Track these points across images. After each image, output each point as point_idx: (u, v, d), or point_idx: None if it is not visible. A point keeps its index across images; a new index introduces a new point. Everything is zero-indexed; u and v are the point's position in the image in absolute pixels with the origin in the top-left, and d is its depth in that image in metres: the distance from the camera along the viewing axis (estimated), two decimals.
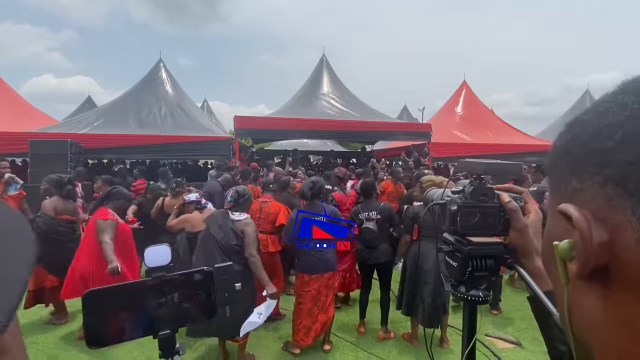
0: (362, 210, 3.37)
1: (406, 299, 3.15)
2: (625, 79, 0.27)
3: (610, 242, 0.24)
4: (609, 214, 0.24)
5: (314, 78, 12.75)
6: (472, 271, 0.63)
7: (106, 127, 9.47)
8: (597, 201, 0.25)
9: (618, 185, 0.23)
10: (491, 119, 13.00)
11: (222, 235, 2.70)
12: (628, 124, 0.23)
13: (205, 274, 0.61)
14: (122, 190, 3.30)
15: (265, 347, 3.17)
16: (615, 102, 0.26)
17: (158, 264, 0.60)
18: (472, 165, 0.63)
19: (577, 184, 0.27)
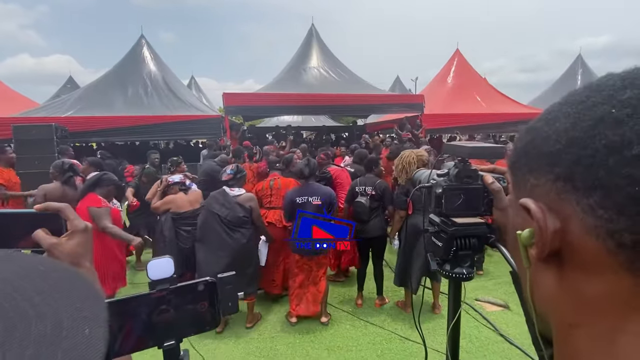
0: (359, 184, 3.43)
1: (399, 270, 3.27)
2: (570, 92, 0.32)
3: (562, 229, 0.28)
4: (560, 206, 0.29)
5: (302, 50, 12.35)
6: (457, 250, 0.66)
7: (91, 109, 9.20)
8: (550, 195, 0.29)
9: (566, 181, 0.28)
10: (484, 87, 12.86)
11: (227, 211, 2.94)
12: (571, 130, 0.28)
13: (209, 284, 0.63)
14: (113, 176, 3.25)
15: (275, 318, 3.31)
16: (561, 112, 0.30)
17: (161, 277, 0.61)
18: (457, 148, 0.64)
19: (534, 181, 0.31)
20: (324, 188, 3.18)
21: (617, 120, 0.26)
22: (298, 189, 3.13)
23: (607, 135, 0.26)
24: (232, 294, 0.67)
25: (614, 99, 0.27)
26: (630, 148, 0.24)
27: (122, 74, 10.37)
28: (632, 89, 0.26)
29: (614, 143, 0.25)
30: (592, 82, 0.30)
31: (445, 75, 12.91)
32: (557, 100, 0.33)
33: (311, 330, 3.10)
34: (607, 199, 0.25)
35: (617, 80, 0.28)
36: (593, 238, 0.26)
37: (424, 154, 3.06)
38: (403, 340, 2.96)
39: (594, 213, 0.26)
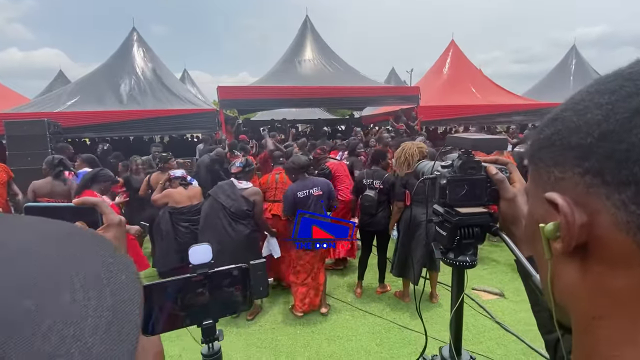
0: (366, 176, 3.45)
1: (398, 261, 3.32)
2: (599, 78, 0.31)
3: (589, 223, 0.28)
4: (588, 200, 0.28)
5: (297, 42, 12.24)
6: (460, 239, 0.68)
7: (83, 104, 9.06)
8: (577, 189, 0.29)
9: (596, 175, 0.27)
10: (479, 79, 12.88)
11: (232, 202, 3.00)
12: (604, 122, 0.27)
13: (243, 270, 0.69)
14: (109, 172, 3.23)
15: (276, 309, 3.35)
16: (592, 102, 0.29)
17: (201, 262, 0.68)
18: (460, 140, 0.66)
19: (559, 174, 0.31)
20: (321, 179, 3.24)
21: None
22: (298, 184, 3.13)
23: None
24: (263, 279, 0.73)
25: None
26: None
27: (114, 68, 10.20)
28: None
29: None
30: (624, 70, 0.29)
31: (441, 66, 12.90)
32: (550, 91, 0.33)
33: (311, 321, 3.15)
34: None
35: None
36: (623, 233, 0.26)
37: (423, 146, 3.11)
38: (401, 329, 3.02)
39: (626, 208, 0.25)
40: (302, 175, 3.14)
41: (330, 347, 2.80)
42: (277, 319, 3.20)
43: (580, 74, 14.29)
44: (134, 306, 0.24)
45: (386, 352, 2.74)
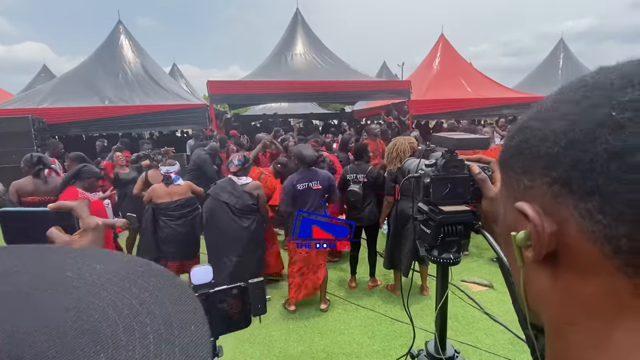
0: (350, 171, 3.45)
1: (389, 253, 3.36)
2: (565, 86, 0.31)
3: (559, 232, 0.28)
4: (556, 209, 0.28)
5: (288, 36, 12.10)
6: (444, 237, 0.69)
7: (68, 100, 8.84)
8: (545, 198, 0.29)
9: (563, 185, 0.27)
10: (470, 72, 12.95)
11: (236, 199, 3.04)
12: (570, 132, 0.27)
13: (242, 289, 0.71)
14: (93, 168, 3.16)
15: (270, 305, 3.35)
16: (559, 111, 0.29)
17: (202, 282, 0.70)
18: (444, 140, 0.66)
19: (528, 182, 0.31)
20: (323, 173, 3.18)
21: (618, 124, 0.25)
22: (298, 175, 3.10)
23: (608, 140, 0.25)
24: (261, 297, 0.75)
25: (614, 99, 0.26)
26: (632, 154, 0.24)
27: (100, 63, 9.96)
28: (633, 90, 0.25)
29: (616, 148, 0.24)
30: (587, 78, 0.29)
31: (431, 60, 12.92)
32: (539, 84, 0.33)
33: (305, 316, 3.18)
34: (606, 205, 0.25)
35: (615, 78, 0.27)
36: (590, 242, 0.26)
37: (414, 141, 3.15)
38: (393, 321, 3.07)
39: (592, 218, 0.26)
40: (304, 167, 3.11)
41: (323, 341, 2.83)
42: (270, 314, 3.22)
43: (568, 67, 14.49)
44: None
45: (378, 344, 2.78)
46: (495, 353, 2.63)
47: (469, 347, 2.70)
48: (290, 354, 2.70)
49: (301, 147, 3.22)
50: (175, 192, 3.47)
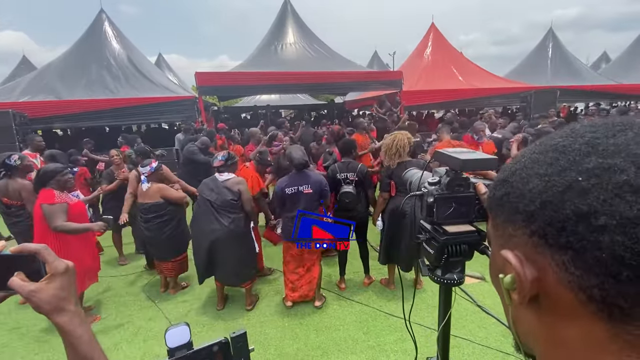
0: (339, 170, 3.35)
1: (384, 249, 3.35)
2: (539, 145, 0.35)
3: (539, 279, 0.31)
4: (537, 258, 0.31)
5: (277, 25, 11.86)
6: (448, 257, 0.66)
7: (51, 93, 8.55)
8: (527, 247, 0.32)
9: (541, 238, 0.31)
10: (461, 61, 12.94)
11: (216, 195, 2.98)
12: (544, 193, 0.31)
13: (222, 345, 0.68)
14: (50, 167, 2.97)
15: (264, 303, 3.35)
16: (534, 171, 0.33)
17: (179, 344, 0.66)
18: (449, 159, 0.63)
19: (512, 231, 0.34)
20: (314, 175, 3.09)
21: (584, 189, 0.28)
22: (287, 179, 3.04)
23: (575, 203, 0.28)
24: (244, 350, 0.72)
25: (580, 165, 0.29)
26: (596, 217, 0.27)
27: (82, 53, 9.62)
28: (596, 157, 0.29)
29: (582, 211, 0.28)
30: (559, 140, 0.33)
31: (422, 50, 12.85)
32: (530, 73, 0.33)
33: (300, 313, 3.18)
34: (577, 259, 0.28)
35: (582, 144, 0.31)
36: (567, 290, 0.29)
37: (411, 137, 3.13)
38: (387, 316, 3.09)
39: (567, 269, 0.29)
40: (296, 170, 3.04)
41: (318, 338, 2.84)
42: (264, 312, 3.21)
43: (557, 57, 14.58)
44: None
45: (373, 340, 2.80)
46: (488, 346, 2.67)
47: (462, 340, 2.74)
48: (286, 352, 2.70)
49: (292, 150, 3.12)
50: (145, 195, 3.39)
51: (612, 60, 19.87)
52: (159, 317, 3.21)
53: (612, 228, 0.26)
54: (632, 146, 0.28)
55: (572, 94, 11.90)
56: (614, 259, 0.26)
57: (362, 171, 3.34)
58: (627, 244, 0.26)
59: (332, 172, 3.38)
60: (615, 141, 0.29)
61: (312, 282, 3.17)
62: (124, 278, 4.01)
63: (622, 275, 0.26)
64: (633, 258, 0.26)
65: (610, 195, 0.27)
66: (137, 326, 3.09)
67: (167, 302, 3.45)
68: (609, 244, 0.26)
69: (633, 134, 0.29)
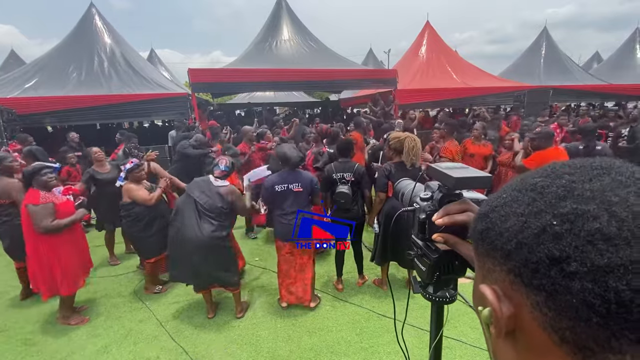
0: (335, 170, 3.31)
1: (380, 250, 3.33)
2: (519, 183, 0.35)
3: (516, 315, 0.32)
4: (513, 295, 0.32)
5: (272, 21, 11.73)
6: (440, 275, 0.64)
7: (41, 89, 8.36)
8: (504, 283, 0.33)
9: (517, 276, 0.31)
10: (456, 60, 12.96)
11: (206, 199, 2.91)
12: (520, 234, 0.31)
13: None
14: (29, 168, 2.89)
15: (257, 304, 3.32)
16: (512, 209, 0.33)
17: None
18: (442, 176, 0.61)
19: (491, 265, 0.35)
20: (305, 174, 3.07)
21: (557, 234, 0.28)
22: (278, 176, 3.01)
23: (549, 247, 0.29)
24: None
25: (555, 209, 0.29)
26: (568, 263, 0.27)
27: (73, 48, 9.41)
28: (571, 202, 0.29)
29: (554, 256, 0.28)
30: (538, 180, 0.33)
31: (417, 48, 12.83)
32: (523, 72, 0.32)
33: (293, 314, 3.16)
34: (550, 301, 0.29)
35: (559, 186, 0.31)
36: (541, 329, 0.30)
37: (408, 134, 3.14)
38: (380, 317, 3.09)
39: (540, 310, 0.29)
40: (287, 168, 3.02)
41: (311, 340, 2.83)
42: (257, 314, 3.19)
43: (550, 56, 14.68)
44: None
45: (366, 341, 2.80)
46: (480, 347, 2.68)
47: (454, 341, 2.75)
48: (279, 354, 2.68)
49: (286, 148, 3.08)
50: (121, 193, 3.43)
51: (604, 60, 20.08)
52: (150, 319, 3.17)
53: (583, 275, 0.27)
54: (607, 192, 0.28)
55: (564, 93, 12.01)
56: (585, 305, 0.27)
57: (359, 171, 3.31)
58: (597, 291, 0.26)
59: (328, 172, 3.35)
60: (591, 186, 0.29)
61: (306, 284, 3.15)
62: (114, 279, 3.95)
63: (592, 321, 0.27)
64: (603, 305, 0.26)
65: (582, 242, 0.27)
66: (127, 328, 3.05)
67: (158, 304, 3.41)
68: (580, 290, 0.27)
69: (610, 180, 0.29)
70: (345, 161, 3.35)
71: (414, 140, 3.08)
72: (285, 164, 3.01)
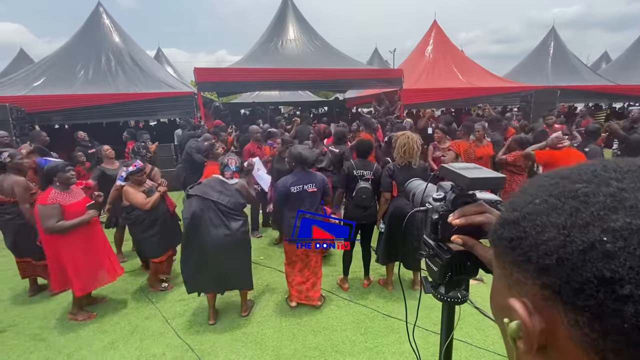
0: (356, 167, 3.32)
1: (384, 250, 3.33)
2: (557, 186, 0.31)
3: (548, 330, 0.30)
4: (546, 309, 0.30)
5: (277, 21, 11.75)
6: (452, 275, 0.64)
7: (49, 87, 8.46)
8: (537, 297, 0.30)
9: (554, 292, 0.29)
10: (462, 60, 12.88)
11: (228, 198, 2.90)
12: (562, 249, 0.28)
13: None
14: (48, 167, 2.90)
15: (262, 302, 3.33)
16: (550, 219, 0.29)
17: None
18: (455, 176, 0.61)
19: (521, 277, 0.32)
20: (318, 175, 3.09)
21: (608, 252, 0.26)
22: (292, 178, 3.00)
23: (598, 267, 0.26)
24: None
25: (605, 222, 0.27)
26: (621, 285, 0.25)
27: (80, 47, 9.51)
28: (624, 215, 0.26)
29: (605, 276, 0.25)
30: (578, 186, 0.29)
31: (424, 48, 12.77)
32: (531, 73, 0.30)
33: (298, 313, 3.17)
34: (595, 323, 0.26)
35: (606, 195, 0.28)
36: (578, 348, 0.28)
37: (410, 134, 3.15)
38: (385, 317, 3.08)
39: (581, 330, 0.27)
40: (300, 168, 3.02)
41: (316, 339, 2.83)
42: (262, 313, 3.20)
43: (558, 56, 14.52)
44: None
45: (370, 341, 2.79)
46: (486, 348, 2.67)
47: (460, 342, 2.74)
48: (284, 353, 2.69)
49: (301, 149, 3.07)
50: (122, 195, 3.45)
51: (613, 60, 19.82)
52: (156, 316, 3.20)
53: (638, 299, 0.24)
54: None
55: (572, 94, 11.88)
56: (638, 330, 0.24)
57: (379, 170, 3.33)
58: None
59: (349, 169, 3.36)
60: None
61: (317, 284, 3.17)
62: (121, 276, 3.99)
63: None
64: None
65: (638, 263, 0.25)
66: (133, 325, 3.08)
67: (164, 301, 3.44)
68: (634, 315, 0.24)
69: None
70: (365, 161, 3.38)
71: (408, 138, 3.07)
72: (301, 164, 3.00)
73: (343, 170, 3.43)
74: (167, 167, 6.97)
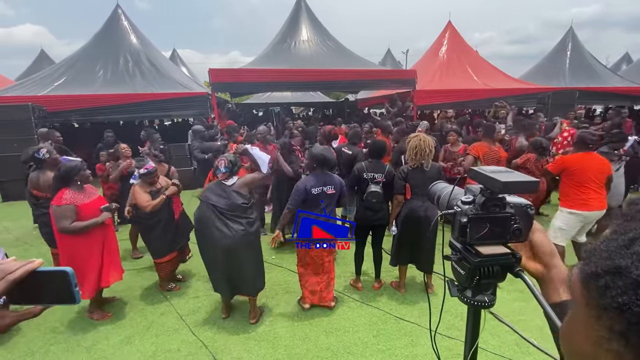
0: (367, 169, 3.30)
1: (397, 252, 3.32)
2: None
3: None
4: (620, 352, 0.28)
5: (291, 22, 11.81)
6: (479, 279, 0.64)
7: (69, 87, 8.73)
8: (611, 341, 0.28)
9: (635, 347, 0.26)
10: (477, 61, 12.68)
11: (224, 200, 2.88)
12: None
13: None
14: (69, 167, 2.90)
15: (275, 302, 3.36)
16: None
17: None
18: (487, 180, 0.60)
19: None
20: (336, 177, 3.08)
21: None
22: (313, 179, 2.99)
23: None
24: None
25: None
26: None
27: (99, 48, 9.77)
28: None
29: None
30: None
31: (437, 48, 12.63)
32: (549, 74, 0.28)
33: (309, 314, 3.18)
34: None
35: None
36: None
37: (423, 136, 3.13)
38: (398, 320, 3.06)
39: None
40: (320, 170, 3.01)
41: (328, 340, 2.83)
42: (275, 312, 3.22)
43: (576, 57, 14.14)
44: None
45: (383, 343, 2.78)
46: (502, 355, 2.62)
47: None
48: (296, 353, 2.70)
49: (323, 150, 3.06)
50: None
51: (634, 61, 19.18)
52: (171, 313, 3.25)
53: None
54: None
55: (591, 95, 11.56)
56: None
57: (391, 173, 3.30)
58: None
59: (358, 171, 3.34)
60: None
61: (331, 284, 3.18)
62: (137, 272, 4.08)
63: None
64: None
65: None
66: (149, 320, 3.14)
67: (178, 298, 3.49)
68: None
69: None
70: (377, 162, 3.35)
71: (420, 140, 3.04)
72: (322, 166, 3.00)
73: (353, 171, 3.41)
74: (182, 167, 7.09)
